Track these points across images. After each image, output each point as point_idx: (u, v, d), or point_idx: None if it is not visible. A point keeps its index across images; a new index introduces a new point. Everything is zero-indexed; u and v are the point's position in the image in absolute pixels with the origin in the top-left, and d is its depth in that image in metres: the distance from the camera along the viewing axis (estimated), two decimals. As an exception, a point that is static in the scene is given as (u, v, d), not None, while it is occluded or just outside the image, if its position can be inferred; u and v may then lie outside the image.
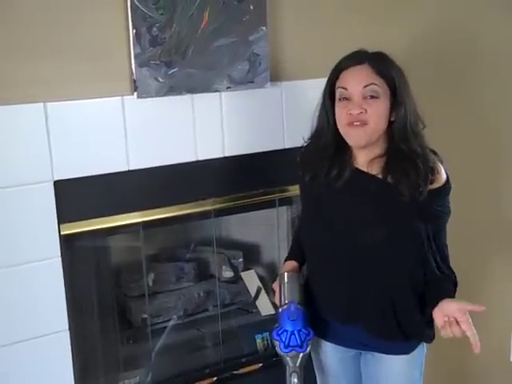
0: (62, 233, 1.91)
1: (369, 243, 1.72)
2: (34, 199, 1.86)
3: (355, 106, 1.67)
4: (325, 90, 1.77)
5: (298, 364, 1.81)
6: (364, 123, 1.67)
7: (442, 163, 1.75)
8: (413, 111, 1.71)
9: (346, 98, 1.70)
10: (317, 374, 2.03)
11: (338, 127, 1.73)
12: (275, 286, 1.95)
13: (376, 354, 1.88)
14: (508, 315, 2.92)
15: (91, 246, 2.08)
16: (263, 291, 2.55)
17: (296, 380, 1.80)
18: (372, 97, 1.67)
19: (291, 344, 1.80)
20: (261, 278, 2.59)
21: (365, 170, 1.75)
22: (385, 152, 1.73)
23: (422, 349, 1.89)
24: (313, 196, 1.86)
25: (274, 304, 2.53)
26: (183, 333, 2.43)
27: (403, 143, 1.70)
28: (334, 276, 1.83)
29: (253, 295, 2.56)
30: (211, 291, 2.49)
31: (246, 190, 2.21)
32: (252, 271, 2.59)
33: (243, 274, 2.58)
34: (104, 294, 2.17)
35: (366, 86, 1.67)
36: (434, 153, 1.76)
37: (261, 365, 2.35)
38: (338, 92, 1.72)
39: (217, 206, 2.18)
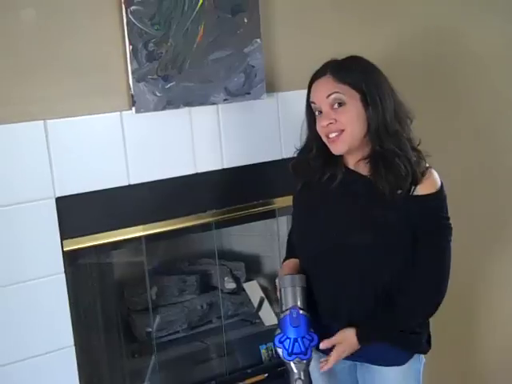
0: (64, 249, 1.92)
1: (356, 244, 1.73)
2: (36, 216, 1.87)
3: (324, 118, 1.71)
4: (306, 105, 1.80)
5: (302, 370, 1.78)
6: (340, 131, 1.69)
7: (425, 160, 1.74)
8: (390, 110, 1.70)
9: (320, 112, 1.73)
10: None
11: None
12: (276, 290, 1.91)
13: (370, 365, 1.86)
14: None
15: (94, 261, 2.09)
16: (266, 301, 2.55)
17: None
18: (340, 104, 1.69)
19: (295, 351, 1.76)
20: (263, 289, 2.59)
21: (354, 169, 1.78)
22: (369, 153, 1.74)
23: (418, 359, 1.86)
24: (304, 199, 1.88)
25: (277, 314, 2.54)
26: (187, 345, 2.43)
27: (378, 144, 1.70)
28: (321, 276, 1.82)
29: (256, 306, 2.56)
30: (214, 303, 2.50)
31: (245, 201, 2.22)
32: (254, 282, 2.60)
33: (246, 285, 2.59)
34: (108, 309, 2.18)
35: (329, 96, 1.69)
36: (417, 150, 1.75)
37: (266, 375, 2.35)
38: (312, 107, 1.76)
39: (217, 218, 2.19)
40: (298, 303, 1.80)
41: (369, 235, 1.72)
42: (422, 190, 1.70)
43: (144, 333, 2.36)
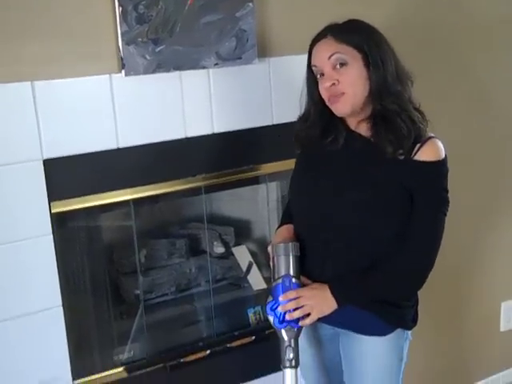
0: (52, 210, 1.93)
1: (349, 203, 1.74)
2: (23, 178, 1.87)
3: (326, 79, 1.70)
4: (307, 70, 1.79)
5: (293, 338, 1.78)
6: (341, 93, 1.69)
7: (427, 124, 1.74)
8: (392, 71, 1.70)
9: (322, 74, 1.72)
10: None
11: None
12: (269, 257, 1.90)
13: (352, 333, 1.85)
14: (498, 286, 2.96)
15: (83, 224, 2.10)
16: (254, 266, 2.57)
17: (291, 355, 1.78)
18: (341, 65, 1.68)
19: (286, 319, 1.76)
20: (252, 254, 2.61)
21: (355, 130, 1.78)
22: (370, 114, 1.74)
23: (403, 335, 1.86)
24: (303, 160, 1.89)
25: (265, 279, 2.57)
26: (176, 308, 2.46)
27: (380, 103, 1.70)
28: (311, 237, 1.83)
29: (244, 270, 2.58)
30: (203, 267, 2.51)
31: (235, 166, 2.22)
32: (243, 246, 2.61)
33: (234, 250, 2.60)
34: (96, 271, 2.19)
35: (330, 57, 1.69)
36: (419, 111, 1.75)
37: (253, 338, 2.38)
38: (314, 70, 1.75)
39: (207, 183, 2.20)
40: (291, 271, 1.79)
41: (363, 193, 1.72)
42: (423, 156, 1.69)
43: (132, 295, 2.38)
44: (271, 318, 1.79)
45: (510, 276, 2.97)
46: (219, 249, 2.57)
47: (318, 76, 1.74)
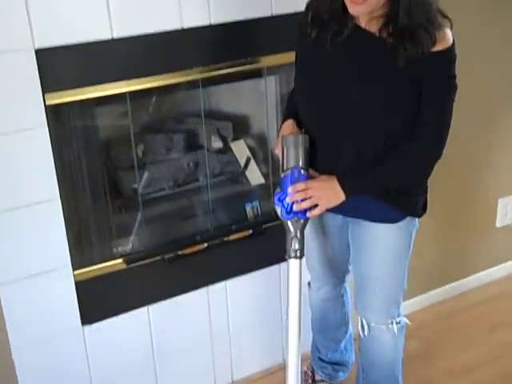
0: (47, 102, 1.89)
1: (358, 97, 1.72)
2: (16, 67, 1.82)
3: None
4: None
5: (299, 230, 1.82)
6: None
7: (451, 28, 1.70)
8: None
9: None
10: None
11: None
12: (277, 148, 1.90)
13: (363, 222, 1.90)
14: (496, 182, 2.97)
15: (79, 117, 2.06)
16: (252, 161, 2.56)
17: (297, 245, 1.83)
18: None
19: (293, 210, 1.80)
20: (250, 148, 2.60)
21: (364, 27, 1.72)
22: (386, 13, 1.67)
23: (412, 222, 1.91)
24: (309, 51, 1.83)
25: (263, 174, 2.57)
26: (174, 202, 2.47)
27: (407, 14, 1.62)
28: (320, 131, 1.83)
29: (242, 165, 2.57)
30: (201, 162, 2.50)
31: (233, 59, 2.17)
32: (241, 141, 2.59)
33: (232, 144, 2.58)
34: (93, 166, 2.17)
35: None
36: (445, 16, 1.70)
37: (250, 232, 2.41)
38: None
39: (204, 75, 2.15)
40: (300, 163, 1.81)
41: (373, 87, 1.70)
42: (434, 47, 1.66)
43: (130, 189, 2.38)
44: (278, 209, 1.82)
45: (507, 173, 2.97)
46: (217, 143, 2.55)
47: None
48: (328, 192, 1.80)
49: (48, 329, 2.12)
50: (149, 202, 2.40)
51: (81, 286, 2.13)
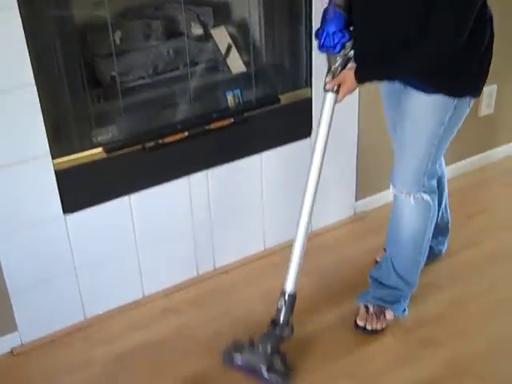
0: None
1: None
2: None
3: None
4: None
5: (333, 65, 1.94)
6: None
7: None
8: None
9: None
10: None
11: None
12: None
13: (410, 89, 1.96)
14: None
15: (52, 2, 1.99)
16: (234, 48, 2.50)
17: (327, 79, 1.97)
18: None
19: (325, 44, 1.92)
20: (231, 36, 2.52)
21: None
22: None
23: (450, 101, 1.93)
24: None
25: (244, 62, 2.51)
26: (154, 91, 2.42)
27: None
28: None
29: (223, 53, 2.51)
30: (181, 49, 2.43)
31: None
32: (222, 28, 2.51)
33: (213, 31, 2.51)
34: (70, 53, 2.11)
35: None
36: None
37: (232, 120, 2.39)
38: None
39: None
40: (339, 1, 1.92)
41: None
42: None
43: (108, 77, 2.32)
44: (316, 42, 1.97)
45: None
46: (197, 30, 2.48)
47: None
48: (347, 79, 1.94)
49: (30, 217, 2.13)
50: (128, 91, 2.35)
51: (61, 175, 2.12)
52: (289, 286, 2.06)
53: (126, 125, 2.30)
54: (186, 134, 2.31)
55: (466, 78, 1.94)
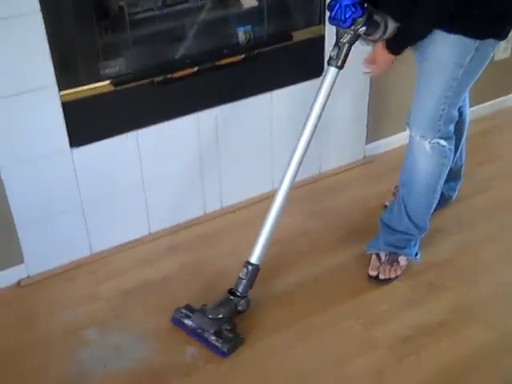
0: None
1: None
2: None
3: None
4: None
5: (341, 39, 1.89)
6: None
7: None
8: None
9: None
10: None
11: None
12: None
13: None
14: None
15: None
16: (246, -18, 2.43)
17: (333, 52, 1.92)
18: None
19: (336, 17, 1.85)
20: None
21: None
22: None
23: (470, 43, 1.88)
24: None
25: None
26: (163, 24, 2.34)
27: None
28: None
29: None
30: (191, -19, 2.36)
31: None
32: (234, -41, 2.44)
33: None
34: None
35: None
36: None
37: (242, 56, 2.33)
38: None
39: None
40: None
41: None
42: None
43: (116, 7, 2.25)
44: (328, 13, 1.89)
45: None
46: None
47: None
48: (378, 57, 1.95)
49: (36, 150, 2.10)
50: (137, 23, 2.27)
51: (68, 107, 2.08)
52: (254, 256, 2.04)
53: (134, 58, 2.25)
54: (196, 69, 2.26)
55: (488, 18, 1.87)
